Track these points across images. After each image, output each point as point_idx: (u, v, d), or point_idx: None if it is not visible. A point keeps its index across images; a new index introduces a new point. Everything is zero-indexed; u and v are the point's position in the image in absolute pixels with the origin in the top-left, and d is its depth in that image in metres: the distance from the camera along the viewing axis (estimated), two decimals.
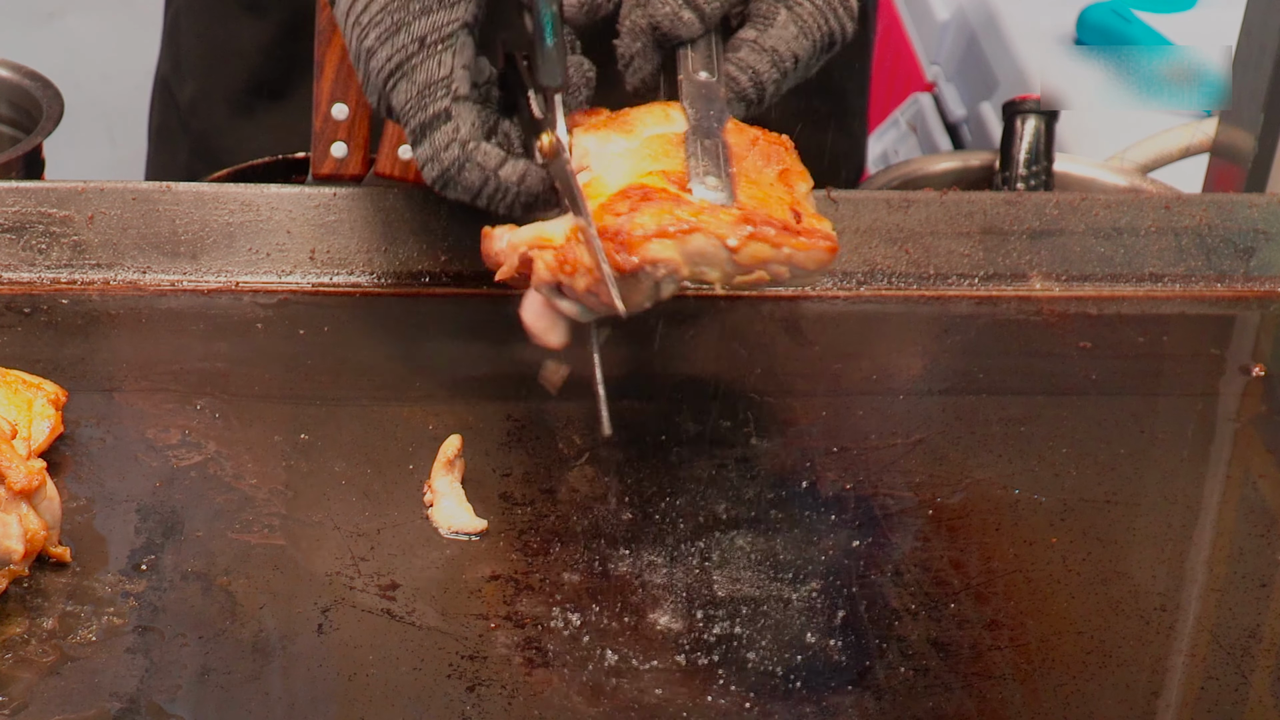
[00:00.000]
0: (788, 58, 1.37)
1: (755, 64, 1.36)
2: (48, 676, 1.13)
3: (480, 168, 1.30)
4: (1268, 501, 1.35)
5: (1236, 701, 1.17)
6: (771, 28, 1.37)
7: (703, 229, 1.24)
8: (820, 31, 1.38)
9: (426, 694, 1.14)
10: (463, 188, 1.31)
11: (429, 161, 1.30)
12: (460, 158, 1.30)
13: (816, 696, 1.15)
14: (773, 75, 1.36)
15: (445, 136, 1.29)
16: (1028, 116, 1.83)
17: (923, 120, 2.88)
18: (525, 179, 1.32)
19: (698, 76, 1.35)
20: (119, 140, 3.18)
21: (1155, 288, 1.57)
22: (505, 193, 1.31)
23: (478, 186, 1.31)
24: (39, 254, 1.49)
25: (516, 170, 1.31)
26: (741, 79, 1.36)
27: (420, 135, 1.30)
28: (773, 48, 1.36)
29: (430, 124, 1.30)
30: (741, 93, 1.36)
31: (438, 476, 1.29)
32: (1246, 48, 1.69)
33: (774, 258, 1.26)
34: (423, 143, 1.30)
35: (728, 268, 1.25)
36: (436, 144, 1.30)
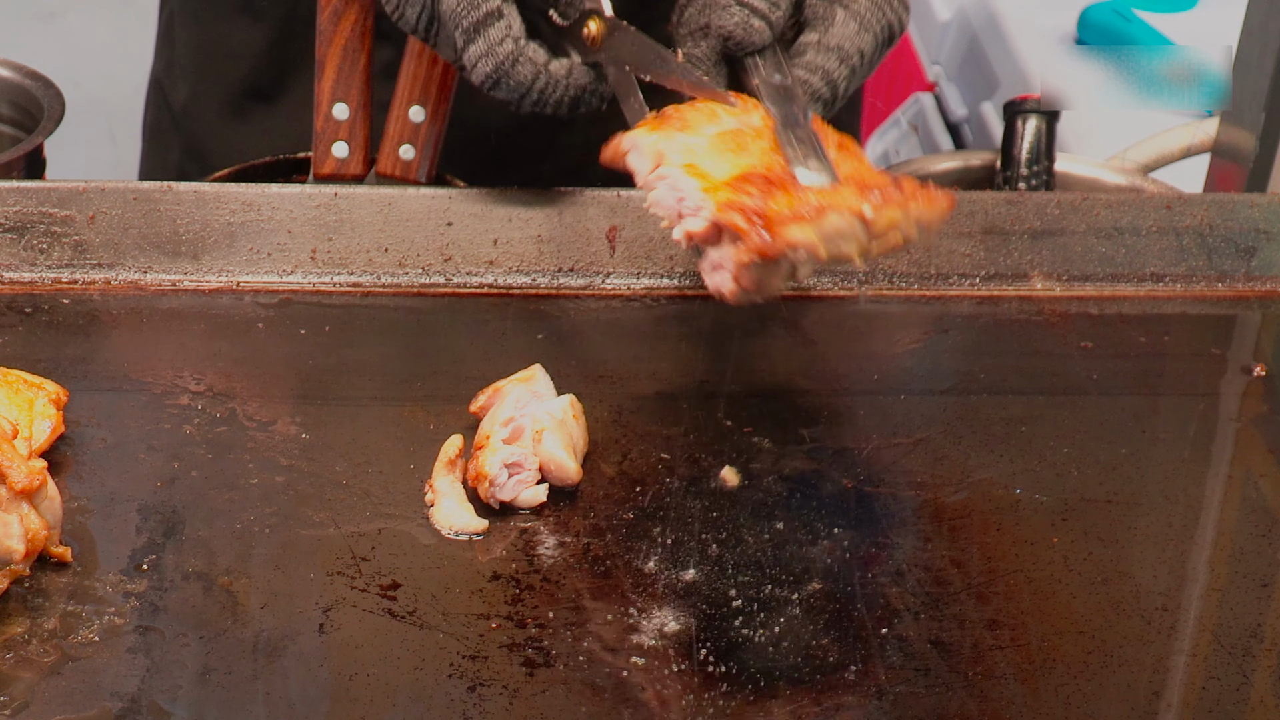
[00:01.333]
0: (853, 54, 1.39)
1: (824, 64, 1.38)
2: (49, 676, 1.13)
3: (532, 62, 1.36)
4: (1269, 501, 1.35)
5: (1238, 701, 1.17)
6: (832, 27, 1.39)
7: (835, 207, 1.25)
8: (880, 24, 1.40)
9: (427, 694, 1.14)
10: (514, 83, 1.37)
11: (484, 57, 1.36)
12: (514, 52, 1.36)
13: (817, 696, 1.15)
14: (843, 72, 1.39)
15: (499, 32, 1.35)
16: (1029, 116, 1.83)
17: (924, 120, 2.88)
18: (572, 73, 1.38)
19: (773, 80, 1.37)
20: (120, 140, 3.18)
21: (1156, 287, 1.57)
22: (555, 87, 1.38)
23: (529, 82, 1.37)
24: (40, 254, 1.49)
25: (564, 65, 1.38)
26: (813, 80, 1.38)
27: (474, 33, 1.36)
28: (838, 45, 1.39)
29: (484, 21, 1.35)
30: (815, 93, 1.38)
31: (439, 476, 1.29)
32: (1247, 47, 1.69)
33: (904, 219, 1.28)
34: (476, 40, 1.36)
35: (863, 239, 1.27)
36: (491, 39, 1.36)
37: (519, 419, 1.30)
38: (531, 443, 1.29)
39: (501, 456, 1.28)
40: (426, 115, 1.55)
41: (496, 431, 1.29)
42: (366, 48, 1.55)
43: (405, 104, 1.55)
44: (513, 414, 1.31)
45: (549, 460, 1.28)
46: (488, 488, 1.27)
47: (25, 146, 1.67)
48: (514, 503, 1.28)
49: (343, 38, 1.54)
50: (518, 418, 1.31)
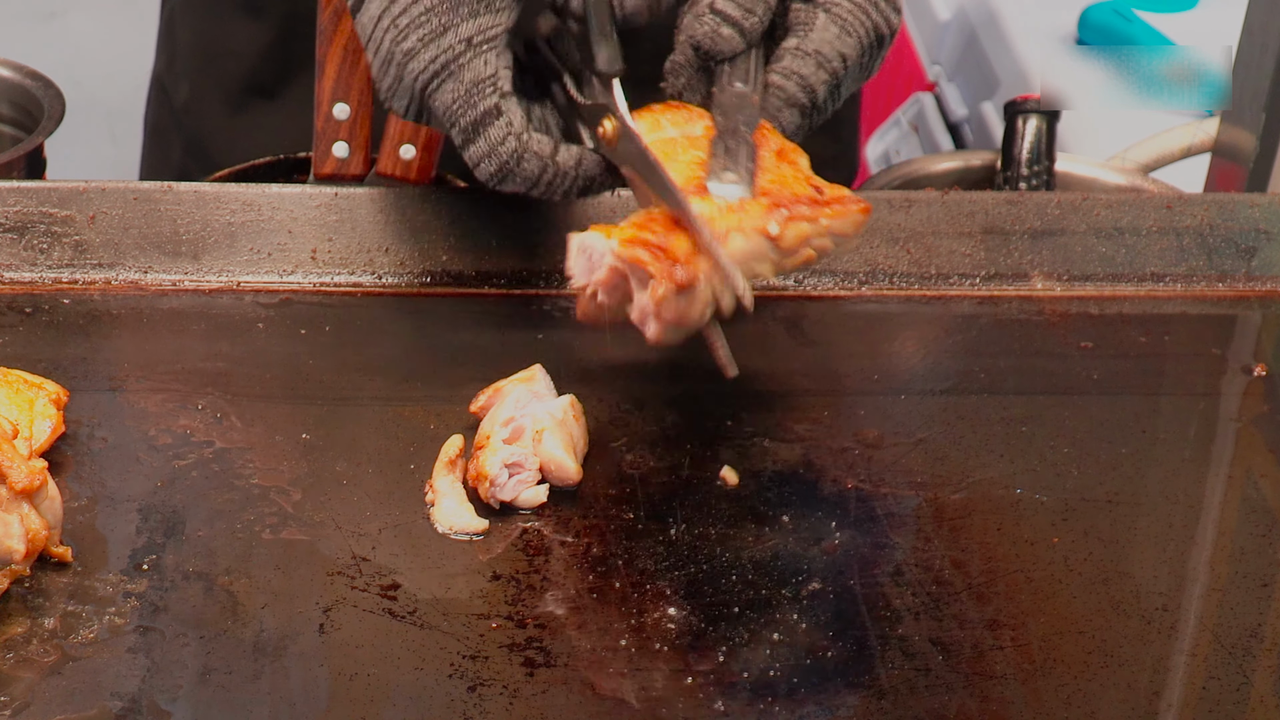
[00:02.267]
0: (834, 58, 1.37)
1: (800, 69, 1.37)
2: (49, 676, 1.13)
3: (538, 156, 1.32)
4: (1269, 501, 1.35)
5: (1238, 701, 1.17)
6: (812, 32, 1.37)
7: (739, 228, 1.24)
8: (864, 28, 1.38)
9: (427, 694, 1.14)
10: (522, 179, 1.33)
11: (486, 158, 1.32)
12: (518, 150, 1.31)
13: (817, 696, 1.15)
14: (821, 78, 1.37)
15: (500, 131, 1.31)
16: (1029, 116, 1.83)
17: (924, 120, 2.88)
18: (582, 162, 1.34)
19: (732, 87, 1.36)
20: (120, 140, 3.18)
21: (1157, 287, 1.57)
22: (564, 178, 1.34)
23: (536, 175, 1.33)
24: (40, 254, 1.49)
25: (572, 155, 1.34)
26: (789, 85, 1.37)
27: (473, 133, 1.31)
28: (816, 50, 1.37)
29: (482, 121, 1.31)
30: (791, 99, 1.37)
31: (439, 476, 1.29)
32: (1248, 47, 1.69)
33: (815, 232, 1.28)
34: (476, 140, 1.32)
35: (774, 256, 1.27)
36: (492, 139, 1.31)
37: (519, 419, 1.30)
38: (532, 443, 1.29)
39: (502, 456, 1.28)
40: None
41: (497, 432, 1.29)
42: None
43: None
44: (513, 414, 1.31)
45: (549, 460, 1.28)
46: (488, 488, 1.27)
47: (25, 146, 1.67)
48: (514, 503, 1.28)
49: (343, 37, 1.54)
50: (518, 418, 1.31)
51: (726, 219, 1.26)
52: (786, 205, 1.26)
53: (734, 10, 1.35)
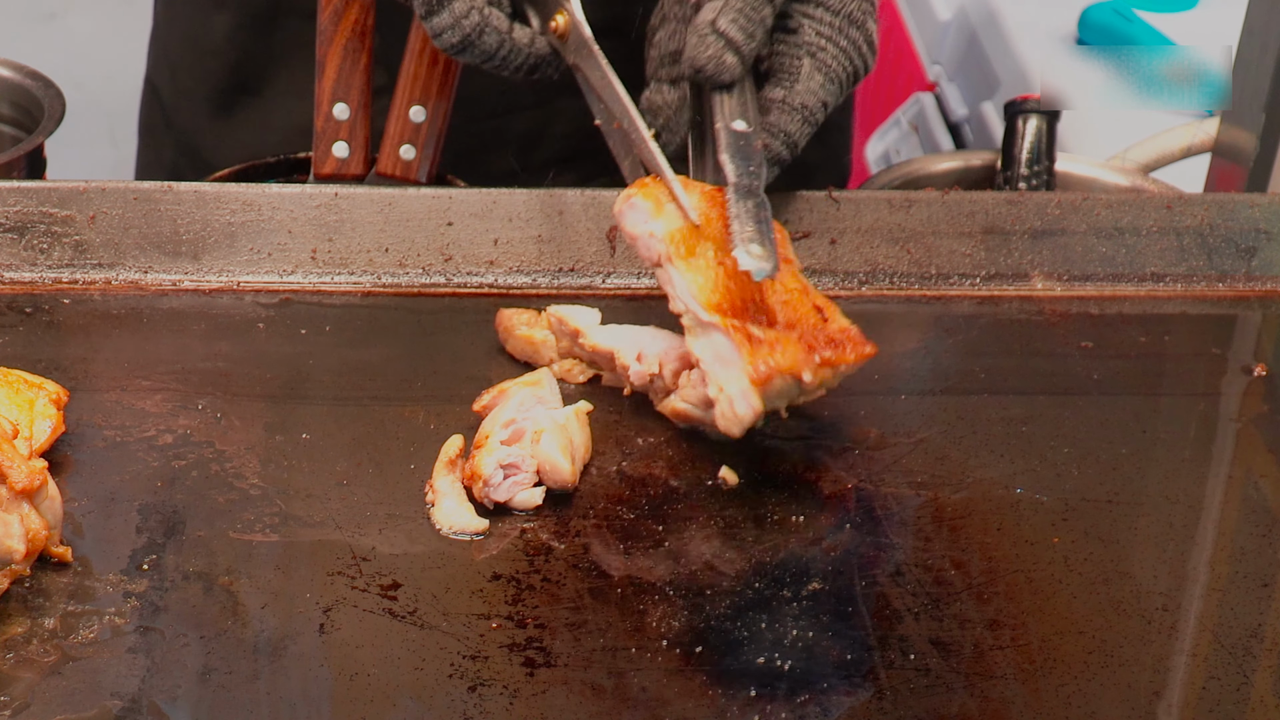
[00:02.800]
0: (817, 110, 1.41)
1: (787, 125, 1.40)
2: (49, 676, 1.13)
3: (497, 30, 1.40)
4: (1269, 501, 1.35)
5: (1238, 701, 1.17)
6: (797, 82, 1.39)
7: (780, 371, 1.26)
8: (845, 73, 1.41)
9: (428, 694, 1.14)
10: (480, 50, 1.40)
11: (449, 29, 1.39)
12: (479, 23, 1.39)
13: (817, 696, 1.15)
14: (805, 131, 1.41)
15: (463, 4, 1.38)
16: (1029, 116, 1.83)
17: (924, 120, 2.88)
18: (534, 42, 1.41)
19: (735, 126, 1.36)
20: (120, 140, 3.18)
21: (1157, 287, 1.57)
22: (517, 54, 1.41)
23: (494, 49, 1.40)
24: (41, 254, 1.49)
25: (526, 34, 1.41)
26: (774, 144, 1.40)
27: (438, 5, 1.38)
28: (802, 104, 1.40)
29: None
30: (775, 156, 1.40)
31: (439, 476, 1.29)
32: (1248, 47, 1.69)
33: (833, 377, 1.30)
34: (440, 12, 1.38)
35: (795, 394, 1.29)
36: (456, 11, 1.38)
37: (520, 422, 1.30)
38: (530, 444, 1.29)
39: (498, 457, 1.28)
40: (427, 115, 1.55)
41: (496, 433, 1.29)
42: (367, 47, 1.55)
43: (405, 104, 1.55)
44: (514, 416, 1.31)
45: (545, 462, 1.28)
46: (482, 488, 1.27)
47: (25, 146, 1.67)
48: (509, 504, 1.28)
49: (343, 38, 1.54)
50: (519, 420, 1.30)
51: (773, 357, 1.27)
52: (817, 349, 1.28)
53: (737, 34, 1.36)
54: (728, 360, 1.27)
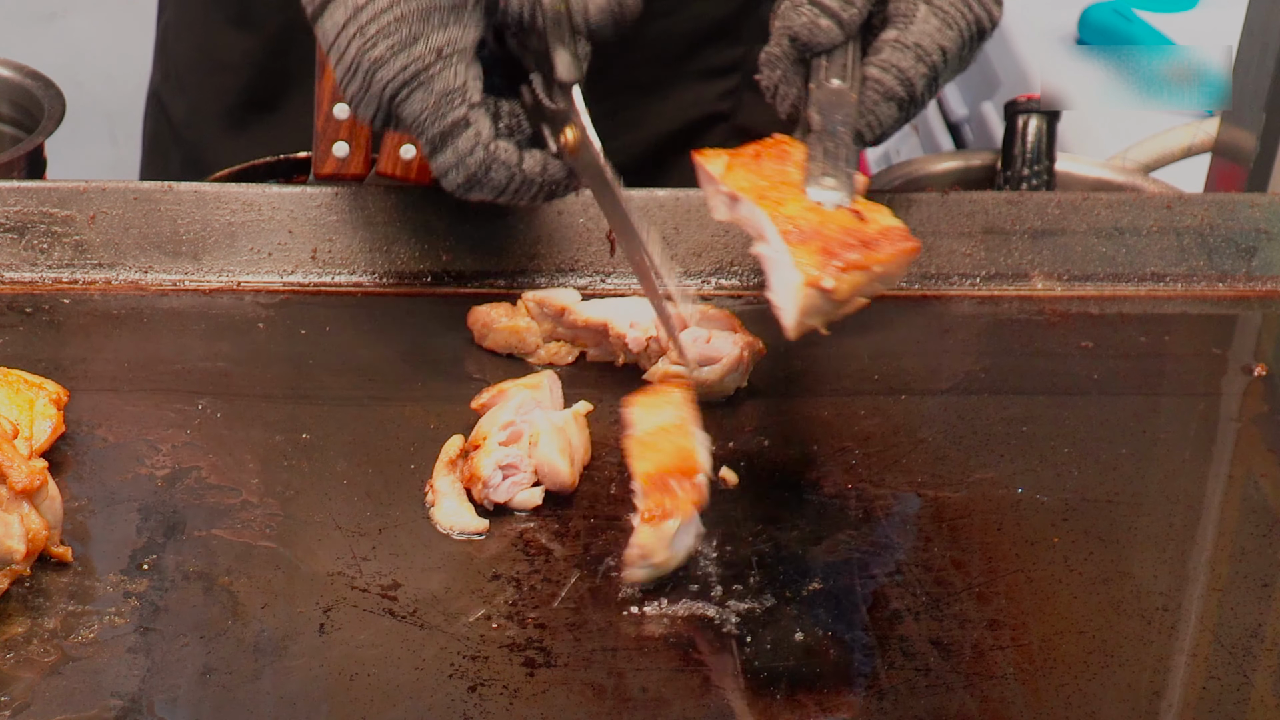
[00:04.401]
0: (933, 51, 1.36)
1: (899, 62, 1.36)
2: (49, 676, 1.13)
3: (505, 165, 1.31)
4: (1269, 501, 1.34)
5: (1239, 701, 1.17)
6: (912, 24, 1.36)
7: (795, 284, 1.23)
8: (965, 21, 1.37)
9: (428, 694, 1.14)
10: (490, 188, 1.32)
11: (454, 168, 1.31)
12: (485, 160, 1.30)
13: (818, 696, 1.15)
14: (920, 70, 1.36)
15: (468, 141, 1.30)
16: (1029, 116, 1.83)
17: (925, 120, 2.88)
18: (547, 169, 1.33)
19: (829, 84, 1.35)
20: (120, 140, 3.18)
21: (1157, 287, 1.57)
22: (530, 185, 1.33)
23: (504, 183, 1.32)
24: (41, 253, 1.49)
25: (537, 161, 1.33)
26: (886, 79, 1.36)
27: (441, 143, 1.30)
28: (915, 44, 1.36)
29: (450, 132, 1.30)
30: (889, 92, 1.36)
31: (439, 476, 1.29)
32: (1248, 47, 1.69)
33: (869, 281, 1.26)
34: (444, 150, 1.31)
35: (828, 308, 1.25)
36: (460, 150, 1.30)
37: (519, 424, 1.30)
38: (528, 445, 1.29)
39: (496, 458, 1.28)
40: None
41: (494, 434, 1.29)
42: None
43: None
44: (513, 418, 1.31)
45: (543, 463, 1.28)
46: (481, 489, 1.27)
47: (26, 146, 1.67)
48: (509, 504, 1.28)
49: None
50: (518, 422, 1.30)
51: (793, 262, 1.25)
52: (836, 251, 1.24)
53: (832, 1, 1.34)
54: (778, 263, 1.26)
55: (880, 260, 1.26)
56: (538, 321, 1.42)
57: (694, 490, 1.22)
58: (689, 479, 1.22)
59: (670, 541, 1.21)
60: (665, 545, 1.20)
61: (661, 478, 1.22)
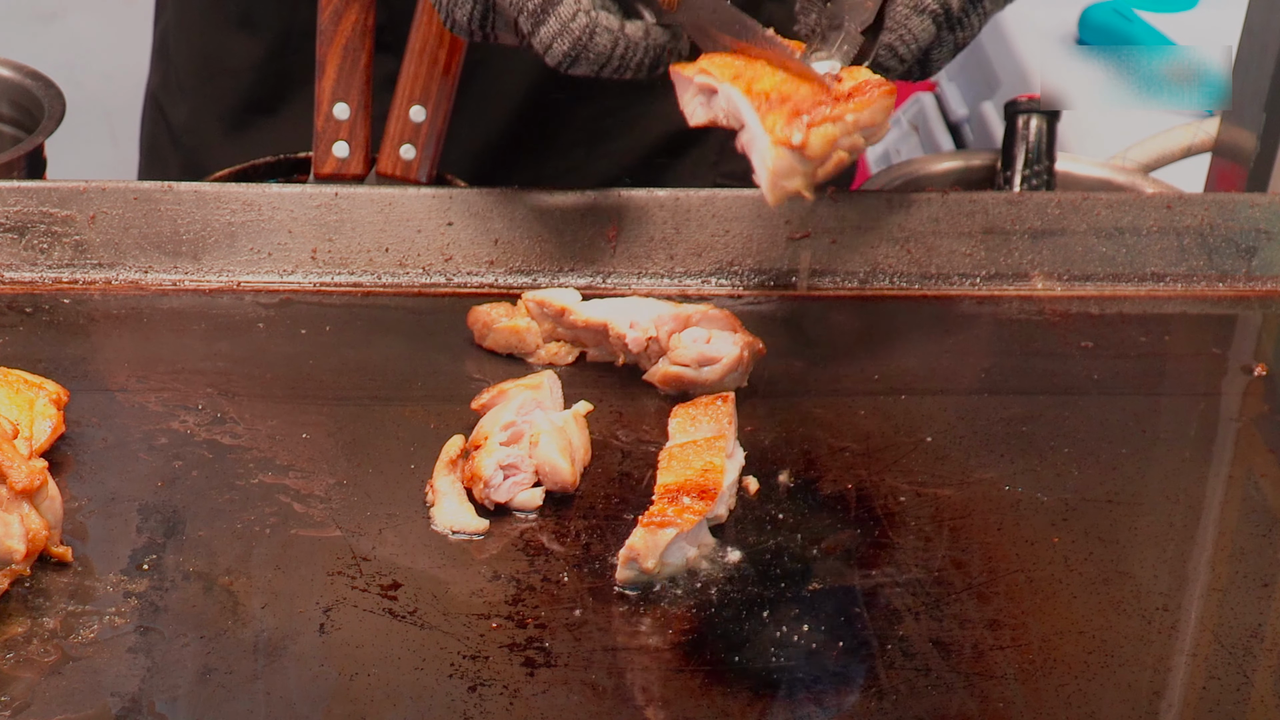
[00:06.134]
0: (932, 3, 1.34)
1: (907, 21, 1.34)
2: (49, 676, 1.13)
3: (608, 30, 1.31)
4: (1269, 501, 1.34)
5: (1239, 701, 1.17)
6: None
7: (762, 147, 1.20)
8: None
9: (428, 694, 1.14)
10: (594, 54, 1.32)
11: (558, 37, 1.31)
12: (589, 25, 1.31)
13: (818, 696, 1.15)
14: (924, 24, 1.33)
15: (569, 8, 1.30)
16: (1030, 116, 1.83)
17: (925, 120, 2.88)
18: (649, 34, 1.33)
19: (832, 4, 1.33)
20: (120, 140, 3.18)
21: (1157, 287, 1.57)
22: (634, 51, 1.33)
23: (609, 50, 1.32)
24: (41, 253, 1.49)
25: (639, 28, 1.33)
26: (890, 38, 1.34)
27: (543, 14, 1.31)
28: None
29: (550, 1, 1.30)
30: (919, 4, 1.34)
31: (439, 476, 1.29)
32: (1248, 47, 1.69)
33: (842, 132, 1.22)
34: (547, 21, 1.31)
35: (804, 168, 1.22)
36: (563, 17, 1.30)
37: (519, 424, 1.30)
38: (529, 445, 1.29)
39: (497, 458, 1.28)
40: (427, 115, 1.55)
41: (495, 434, 1.29)
42: (367, 47, 1.55)
43: (405, 104, 1.55)
44: (514, 419, 1.31)
45: (544, 463, 1.28)
46: (482, 489, 1.27)
47: (25, 146, 1.67)
48: (510, 504, 1.28)
49: (343, 37, 1.54)
50: (518, 423, 1.31)
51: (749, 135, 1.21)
52: (806, 110, 1.21)
53: None
54: (751, 134, 1.24)
55: (852, 110, 1.23)
56: (538, 321, 1.42)
57: (704, 507, 1.23)
58: (703, 498, 1.23)
59: (662, 550, 1.21)
60: (656, 552, 1.20)
61: (676, 491, 1.23)
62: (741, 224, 1.54)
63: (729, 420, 1.32)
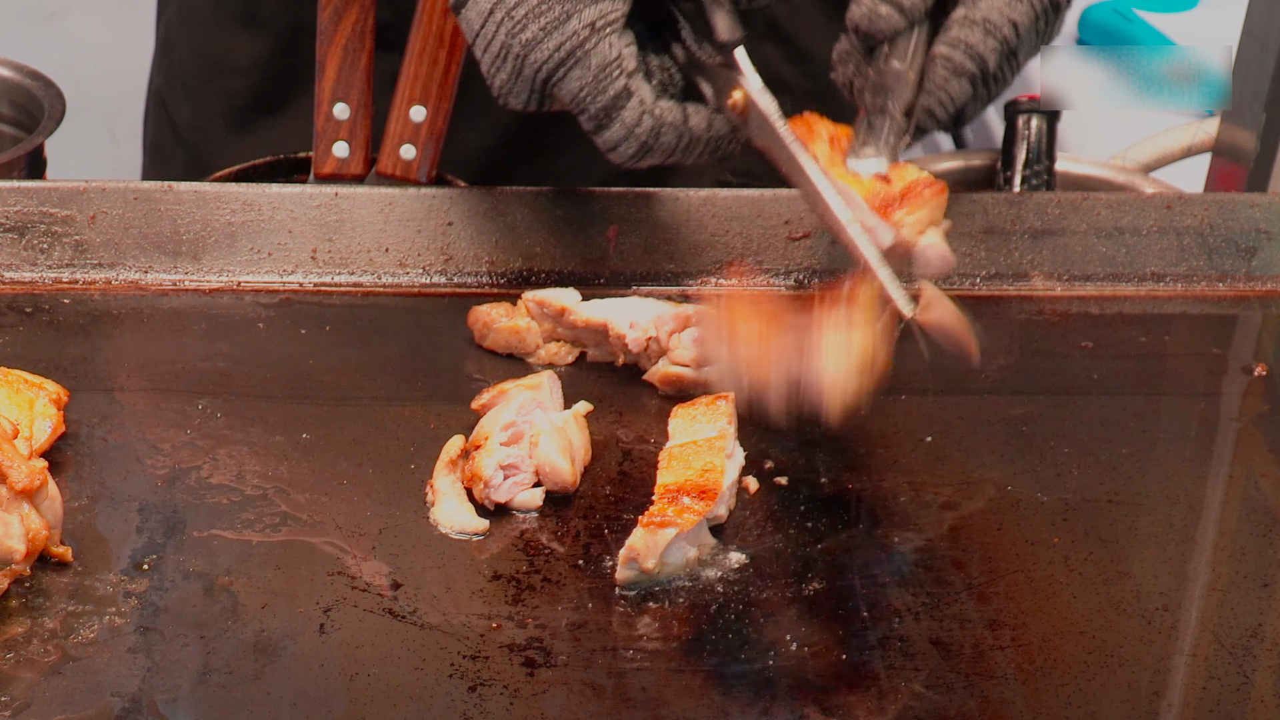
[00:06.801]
0: (1003, 25, 1.34)
1: (967, 37, 1.34)
2: (49, 676, 1.13)
3: (672, 127, 1.31)
4: (1270, 501, 1.34)
5: (1239, 701, 1.17)
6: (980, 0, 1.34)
7: None
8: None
9: (428, 694, 1.14)
10: (660, 152, 1.32)
11: (624, 140, 1.31)
12: (654, 126, 1.31)
13: (818, 696, 1.15)
14: (990, 45, 1.34)
15: (634, 112, 1.30)
16: (1030, 116, 1.83)
17: None
18: (712, 125, 1.33)
19: (887, 66, 1.34)
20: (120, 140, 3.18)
21: (1157, 287, 1.57)
22: (697, 144, 1.33)
23: (673, 146, 1.32)
24: (41, 253, 1.49)
25: (702, 118, 1.33)
26: (954, 55, 1.34)
27: (606, 118, 1.31)
28: (984, 19, 1.34)
29: (614, 105, 1.30)
30: (957, 68, 1.34)
31: (440, 476, 1.29)
32: (1248, 47, 1.69)
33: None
34: (611, 125, 1.31)
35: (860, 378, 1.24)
36: (627, 121, 1.30)
37: (520, 424, 1.30)
38: (529, 445, 1.29)
39: (497, 458, 1.28)
40: (427, 115, 1.55)
41: (495, 434, 1.29)
42: (367, 47, 1.55)
43: (406, 104, 1.55)
44: (514, 419, 1.31)
45: (544, 463, 1.28)
46: (482, 489, 1.27)
47: (26, 146, 1.67)
48: (510, 504, 1.28)
49: (343, 37, 1.54)
50: (518, 423, 1.31)
51: None
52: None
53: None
54: None
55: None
56: (538, 321, 1.42)
57: (704, 508, 1.23)
58: (703, 498, 1.23)
59: (662, 550, 1.21)
60: (656, 552, 1.20)
61: (676, 491, 1.23)
62: (741, 224, 1.54)
63: (729, 420, 1.32)
